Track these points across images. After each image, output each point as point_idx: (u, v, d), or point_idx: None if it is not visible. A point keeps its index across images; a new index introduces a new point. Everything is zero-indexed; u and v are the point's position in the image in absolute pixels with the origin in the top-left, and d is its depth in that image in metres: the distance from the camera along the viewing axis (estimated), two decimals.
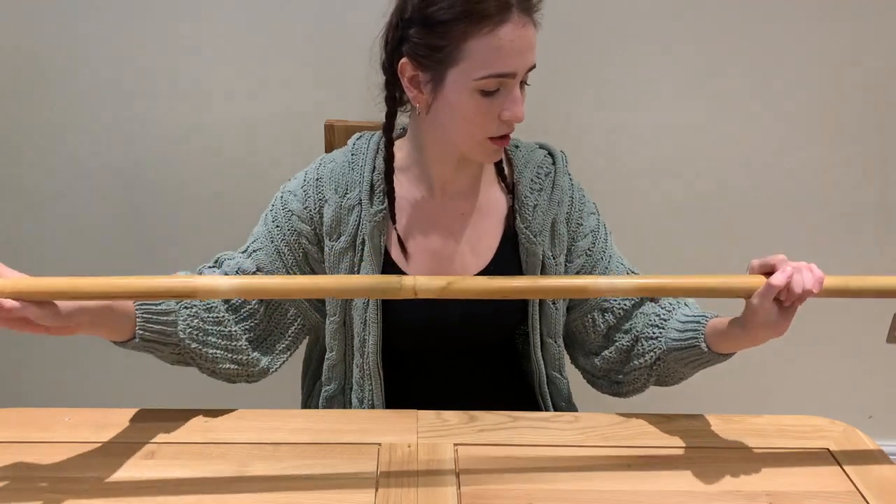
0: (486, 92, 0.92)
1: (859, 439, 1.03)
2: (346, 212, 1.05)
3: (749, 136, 1.71)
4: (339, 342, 1.08)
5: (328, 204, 1.05)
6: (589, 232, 1.09)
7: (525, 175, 1.08)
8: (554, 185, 1.08)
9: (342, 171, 1.06)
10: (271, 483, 0.91)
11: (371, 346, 1.06)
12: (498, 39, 0.89)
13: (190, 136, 1.66)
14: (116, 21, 1.56)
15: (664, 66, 1.63)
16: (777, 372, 1.97)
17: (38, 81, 1.61)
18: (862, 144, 1.72)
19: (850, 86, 1.67)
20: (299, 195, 1.06)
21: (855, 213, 1.79)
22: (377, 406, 1.09)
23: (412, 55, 0.94)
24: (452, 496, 0.89)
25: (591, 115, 1.65)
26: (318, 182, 1.06)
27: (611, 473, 0.95)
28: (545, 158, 1.11)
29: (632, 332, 1.07)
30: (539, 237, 1.06)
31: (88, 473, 0.91)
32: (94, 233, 1.75)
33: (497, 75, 0.90)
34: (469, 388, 1.12)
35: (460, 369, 1.12)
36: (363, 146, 1.08)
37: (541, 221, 1.07)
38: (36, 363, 1.90)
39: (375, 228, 1.04)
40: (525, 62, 0.92)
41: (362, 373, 1.08)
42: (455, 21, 0.89)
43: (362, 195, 1.04)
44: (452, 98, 0.93)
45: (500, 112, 0.93)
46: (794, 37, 1.62)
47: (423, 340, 1.09)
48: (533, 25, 0.92)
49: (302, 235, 1.06)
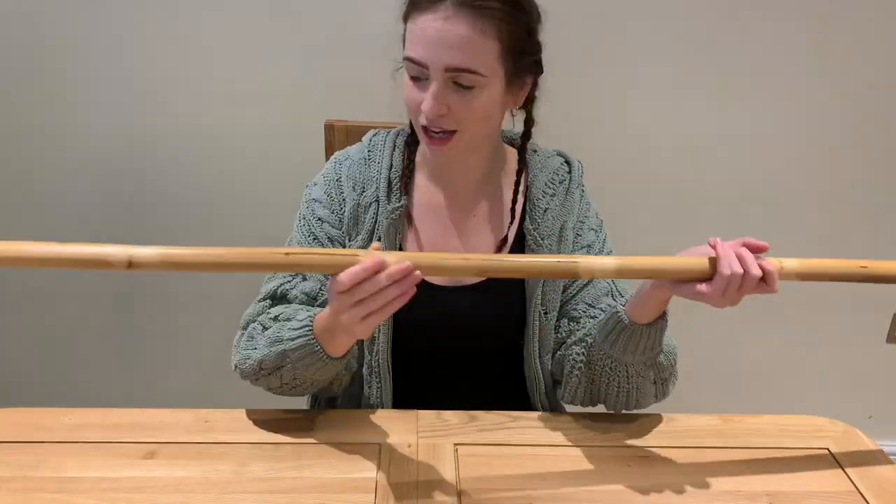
0: (413, 77, 0.96)
1: (859, 439, 1.03)
2: (364, 209, 1.06)
3: (750, 135, 1.71)
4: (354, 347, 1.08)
5: (347, 202, 1.06)
6: (585, 246, 1.10)
7: (540, 178, 1.09)
8: (567, 193, 1.09)
9: (359, 169, 1.07)
10: (271, 483, 0.91)
11: (381, 345, 1.07)
12: (415, 24, 0.93)
13: (190, 136, 1.66)
14: (117, 21, 1.56)
15: (664, 66, 1.63)
16: (777, 372, 1.97)
17: (39, 82, 1.61)
18: (865, 141, 1.73)
19: (852, 82, 1.67)
20: (324, 201, 1.08)
21: (856, 210, 1.79)
22: (385, 403, 1.09)
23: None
24: (452, 496, 0.89)
25: (590, 116, 1.66)
26: (338, 182, 1.08)
27: (611, 473, 0.95)
28: (562, 166, 1.12)
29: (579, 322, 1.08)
30: (546, 241, 1.07)
31: (88, 473, 0.91)
32: (94, 232, 1.75)
33: (407, 58, 0.95)
34: (474, 387, 1.12)
35: (466, 368, 1.12)
36: (379, 143, 1.09)
37: (550, 225, 1.07)
38: (36, 363, 1.90)
39: (392, 226, 1.05)
40: (436, 55, 0.92)
41: (370, 370, 1.09)
42: (407, 6, 0.96)
43: (379, 192, 1.05)
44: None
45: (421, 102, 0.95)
46: (797, 36, 1.62)
47: (430, 338, 1.09)
48: (467, 25, 0.91)
49: (335, 241, 1.07)
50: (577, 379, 1.04)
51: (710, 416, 1.07)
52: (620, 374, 1.00)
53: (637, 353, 0.97)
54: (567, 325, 1.09)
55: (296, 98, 1.63)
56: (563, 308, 1.09)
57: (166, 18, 1.56)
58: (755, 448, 1.01)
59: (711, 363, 1.93)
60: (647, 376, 1.01)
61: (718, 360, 1.93)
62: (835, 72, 1.66)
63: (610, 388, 1.02)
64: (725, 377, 1.96)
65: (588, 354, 1.02)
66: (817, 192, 1.77)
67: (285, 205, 1.24)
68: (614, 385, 1.01)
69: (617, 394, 1.02)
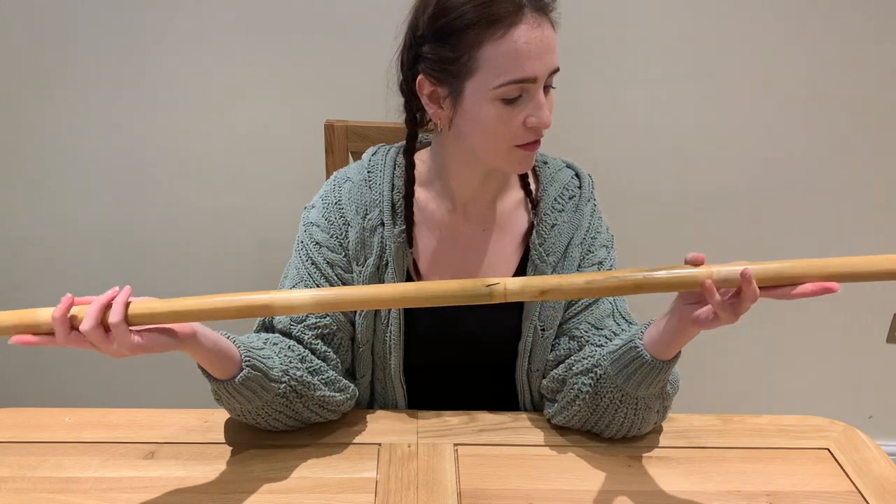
0: (508, 100, 0.89)
1: (859, 439, 1.03)
2: (369, 233, 1.02)
3: (749, 135, 1.71)
4: (367, 365, 1.08)
5: (351, 227, 1.02)
6: (595, 263, 1.06)
7: (549, 193, 1.05)
8: (577, 209, 1.06)
9: (360, 191, 1.03)
10: (271, 483, 0.91)
11: (394, 364, 1.06)
12: (512, 43, 0.86)
13: (190, 135, 1.66)
14: (117, 21, 1.56)
15: (664, 67, 1.63)
16: (777, 372, 1.98)
17: (39, 83, 1.61)
18: (864, 140, 1.73)
19: (852, 82, 1.67)
20: (323, 225, 1.03)
21: (857, 209, 1.79)
22: (401, 408, 1.10)
23: (428, 72, 0.92)
24: (452, 496, 0.89)
25: (591, 116, 1.66)
26: (338, 206, 1.03)
27: (611, 473, 0.95)
28: (572, 180, 1.08)
29: (580, 341, 1.04)
30: (550, 257, 1.03)
31: (88, 473, 0.91)
32: (93, 233, 1.75)
33: (516, 81, 0.87)
34: (478, 400, 1.11)
35: (471, 382, 1.12)
36: (379, 163, 1.04)
37: (555, 241, 1.04)
38: (36, 363, 1.90)
39: (399, 249, 1.02)
40: (545, 65, 0.88)
41: (384, 386, 1.09)
42: (466, 29, 0.87)
43: (384, 216, 1.02)
44: (473, 110, 0.90)
45: (525, 119, 0.90)
46: (798, 37, 1.62)
47: (439, 356, 1.09)
48: (550, 25, 0.89)
49: (335, 266, 1.03)
50: (579, 408, 0.99)
51: (710, 416, 1.07)
52: (629, 406, 0.97)
53: (651, 388, 0.94)
54: (567, 343, 1.04)
55: (296, 98, 1.63)
56: (564, 326, 1.05)
57: (166, 18, 1.56)
58: (755, 448, 1.01)
59: (711, 363, 1.93)
60: (654, 406, 0.98)
61: (718, 361, 1.93)
62: (838, 70, 1.66)
63: (615, 419, 0.98)
64: (725, 377, 1.97)
65: (596, 386, 0.97)
66: (825, 193, 1.77)
67: (285, 205, 1.24)
68: (619, 416, 0.98)
69: (620, 424, 0.98)
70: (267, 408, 0.95)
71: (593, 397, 0.98)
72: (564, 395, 1.02)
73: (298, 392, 0.96)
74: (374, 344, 1.06)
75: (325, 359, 1.01)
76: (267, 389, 0.93)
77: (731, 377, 1.96)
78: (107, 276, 1.76)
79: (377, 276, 1.03)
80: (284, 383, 0.95)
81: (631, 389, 0.94)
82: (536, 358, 1.06)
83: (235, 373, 0.90)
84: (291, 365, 0.96)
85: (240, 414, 0.97)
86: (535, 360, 1.07)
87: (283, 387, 0.94)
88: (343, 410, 1.03)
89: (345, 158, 1.30)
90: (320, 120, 1.32)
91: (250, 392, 0.92)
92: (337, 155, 1.30)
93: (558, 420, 1.03)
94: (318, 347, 1.01)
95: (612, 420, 0.99)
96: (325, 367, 1.01)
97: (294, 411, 0.98)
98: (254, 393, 0.92)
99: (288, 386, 0.95)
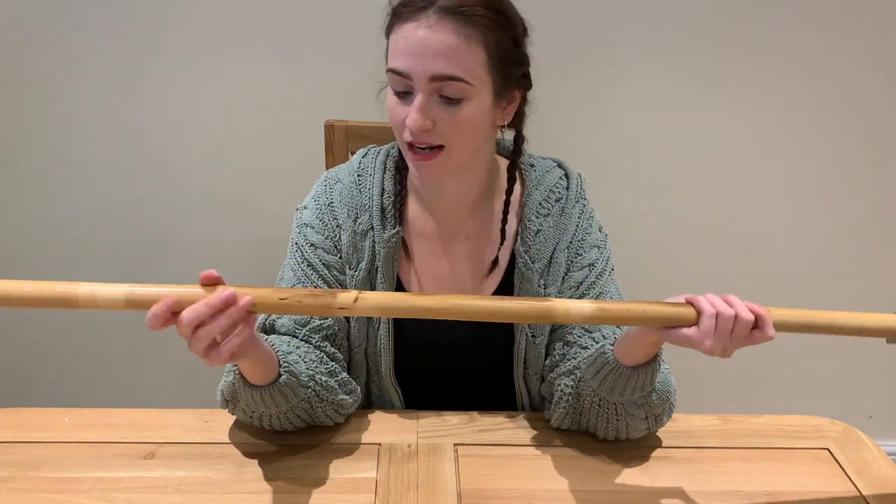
0: (397, 92, 0.92)
1: (859, 439, 1.03)
2: (360, 237, 1.02)
3: (751, 142, 1.71)
4: (362, 367, 1.08)
5: (343, 230, 1.03)
6: (586, 265, 1.04)
7: (534, 197, 1.04)
8: (563, 212, 1.04)
9: (350, 194, 1.03)
10: (271, 483, 0.91)
11: (384, 368, 1.06)
12: (397, 35, 0.90)
13: (191, 135, 1.66)
14: (116, 21, 1.56)
15: (663, 71, 1.63)
16: (777, 372, 1.97)
17: (39, 83, 1.61)
18: (865, 152, 1.73)
19: (854, 91, 1.67)
20: (317, 226, 1.04)
21: (856, 223, 1.79)
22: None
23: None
24: (452, 496, 0.89)
25: (589, 117, 1.66)
26: (330, 207, 1.04)
27: (611, 473, 0.95)
28: (560, 181, 1.07)
29: (574, 346, 1.03)
30: (536, 264, 1.03)
31: (88, 473, 0.91)
32: (93, 233, 1.75)
33: (390, 70, 0.91)
34: (475, 404, 1.11)
35: (468, 385, 1.12)
36: (369, 165, 1.05)
37: (540, 248, 1.03)
38: (36, 363, 1.90)
39: (389, 254, 1.02)
40: (419, 65, 0.88)
41: (380, 388, 1.09)
42: (388, 19, 0.93)
43: (374, 220, 1.02)
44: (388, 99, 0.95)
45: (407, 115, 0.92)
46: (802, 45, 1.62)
47: (432, 360, 1.09)
48: (453, 32, 0.87)
49: (331, 267, 1.03)
50: (565, 409, 1.00)
51: (710, 416, 1.07)
52: (609, 411, 0.96)
53: (626, 394, 0.93)
54: (561, 348, 1.04)
55: (296, 98, 1.63)
56: (558, 331, 1.05)
57: (166, 18, 1.56)
58: (755, 448, 1.01)
59: (711, 363, 1.92)
60: (637, 414, 0.96)
61: (718, 361, 1.92)
62: (840, 77, 1.66)
63: (599, 421, 0.98)
64: (725, 377, 1.96)
65: (576, 388, 0.98)
66: (825, 203, 1.77)
67: (285, 205, 1.24)
68: (603, 419, 0.97)
69: (606, 426, 0.98)
70: (290, 413, 0.95)
71: (576, 399, 0.99)
72: (552, 397, 1.02)
73: (321, 396, 0.97)
74: (366, 347, 1.06)
75: (334, 360, 1.02)
76: (297, 394, 0.93)
77: (731, 377, 1.96)
78: (106, 276, 1.76)
79: (368, 281, 1.03)
80: (310, 388, 0.95)
81: (605, 394, 0.94)
82: (531, 362, 1.06)
83: (272, 379, 0.90)
84: (316, 370, 0.97)
85: (257, 417, 0.96)
86: (530, 365, 1.06)
87: (309, 391, 0.95)
88: (349, 413, 1.03)
89: (345, 158, 1.29)
90: (320, 120, 1.32)
91: (282, 397, 0.92)
92: (337, 155, 1.30)
93: (554, 423, 1.03)
94: (327, 349, 1.01)
95: (597, 423, 0.98)
96: (339, 369, 1.01)
97: (311, 415, 0.98)
98: (285, 398, 0.92)
99: (313, 391, 0.95)
